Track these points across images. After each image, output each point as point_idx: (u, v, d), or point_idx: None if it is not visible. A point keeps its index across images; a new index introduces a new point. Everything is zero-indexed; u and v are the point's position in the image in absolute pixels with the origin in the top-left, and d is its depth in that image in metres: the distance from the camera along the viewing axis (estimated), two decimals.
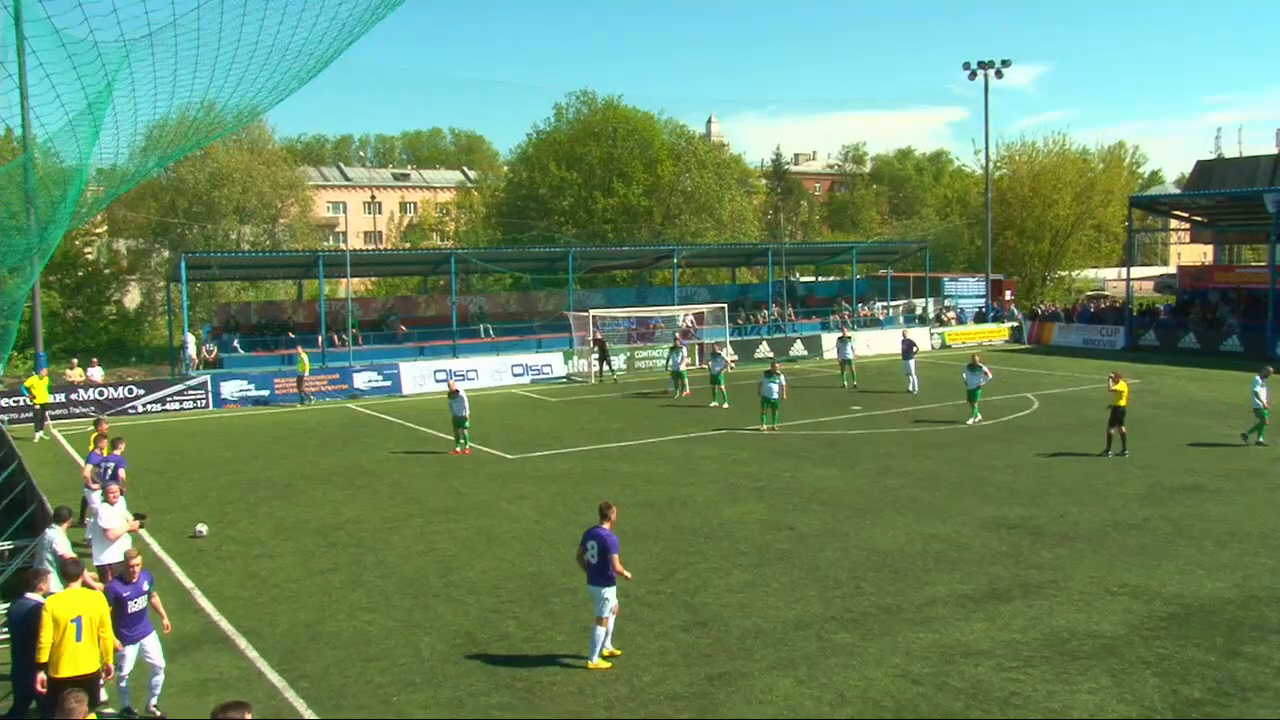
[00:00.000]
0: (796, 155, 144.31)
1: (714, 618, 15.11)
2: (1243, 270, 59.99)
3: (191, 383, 38.19)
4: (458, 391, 28.88)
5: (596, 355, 44.10)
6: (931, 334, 57.20)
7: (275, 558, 18.58)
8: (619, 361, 46.14)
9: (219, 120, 17.86)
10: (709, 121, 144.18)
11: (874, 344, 54.38)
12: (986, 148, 67.60)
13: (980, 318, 62.76)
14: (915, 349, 39.94)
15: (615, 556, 13.27)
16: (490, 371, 43.27)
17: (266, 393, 39.06)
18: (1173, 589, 15.99)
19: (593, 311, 45.68)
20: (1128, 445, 26.35)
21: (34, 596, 11.35)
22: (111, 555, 15.19)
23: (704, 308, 51.70)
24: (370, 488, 24.16)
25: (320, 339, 43.77)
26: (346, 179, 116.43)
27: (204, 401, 38.07)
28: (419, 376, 41.75)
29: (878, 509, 21.25)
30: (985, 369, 32.35)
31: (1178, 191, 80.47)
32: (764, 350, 50.64)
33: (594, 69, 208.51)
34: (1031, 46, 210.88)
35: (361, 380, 40.73)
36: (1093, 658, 13.46)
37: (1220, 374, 43.02)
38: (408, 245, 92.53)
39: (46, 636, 10.73)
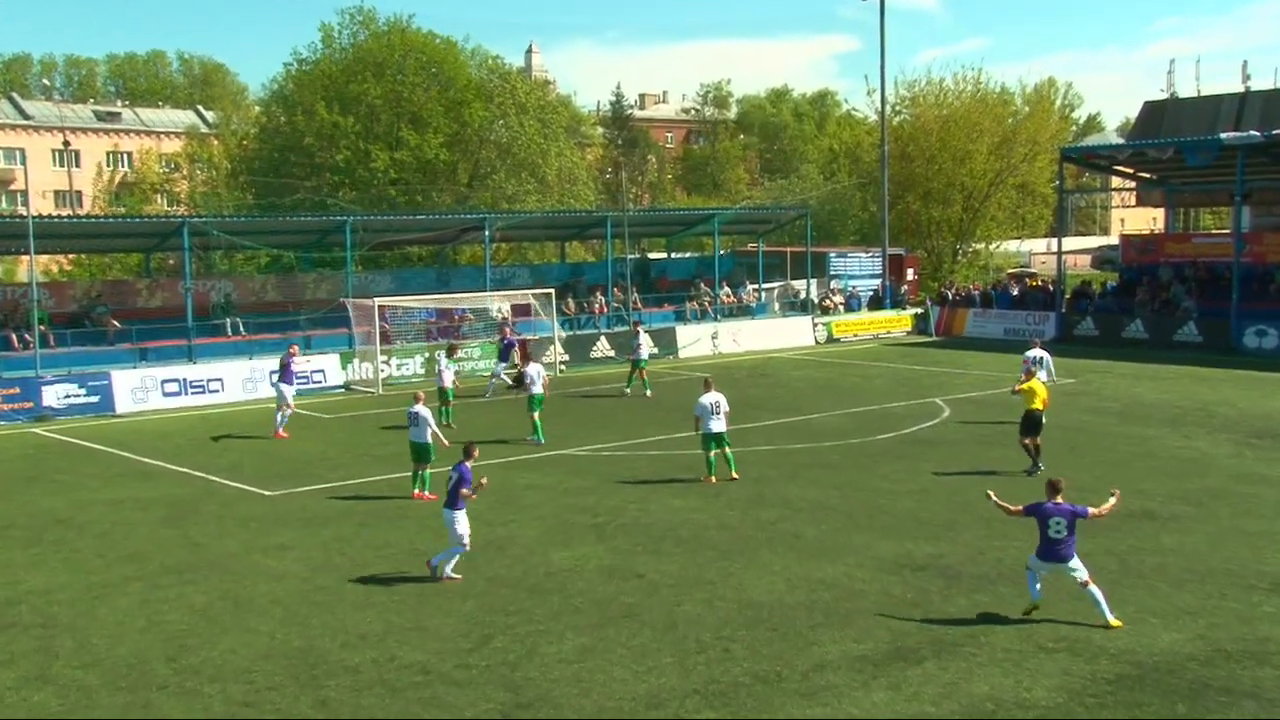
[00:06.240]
0: (642, 96, 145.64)
1: (542, 697, 15.00)
2: (1200, 240, 62.37)
3: None
4: (417, 413, 26.67)
5: (511, 367, 40.51)
6: (815, 325, 58.25)
7: None
8: (414, 365, 45.63)
9: None
10: (529, 52, 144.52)
11: (743, 338, 55.07)
12: (882, 87, 68.98)
13: (876, 303, 64.15)
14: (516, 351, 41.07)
15: (1089, 511, 17.46)
16: (239, 381, 42.14)
17: None
18: (1121, 643, 16.51)
19: (378, 300, 45.06)
20: (1040, 460, 27.13)
21: None
22: None
23: (525, 293, 51.50)
24: (67, 543, 23.21)
25: None
26: (25, 117, 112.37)
27: None
28: (139, 390, 40.40)
29: (749, 549, 21.45)
30: (1049, 363, 34.08)
31: (1121, 141, 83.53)
32: (603, 347, 50.75)
33: None
34: None
35: (54, 395, 39.13)
36: None
37: (1174, 370, 44.93)
38: (121, 210, 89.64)
39: None
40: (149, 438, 35.02)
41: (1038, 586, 17.48)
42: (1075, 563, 17.23)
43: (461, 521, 19.83)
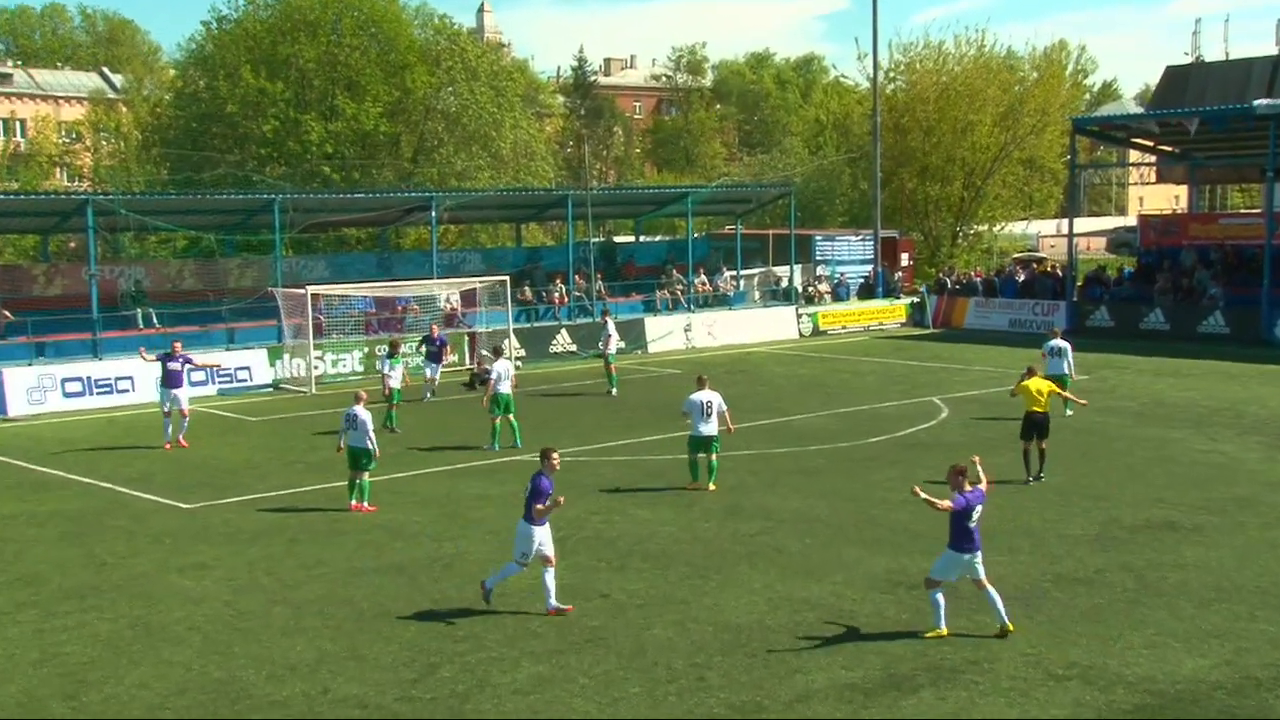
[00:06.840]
0: (607, 61, 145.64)
1: None
2: (1227, 220, 62.55)
3: None
4: (356, 415, 26.07)
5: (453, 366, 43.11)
6: (799, 315, 58.26)
7: None
8: (351, 361, 45.46)
9: None
10: (480, 11, 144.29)
11: (719, 330, 55.02)
12: (875, 50, 68.98)
13: (867, 291, 64.16)
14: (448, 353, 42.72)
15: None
16: (153, 380, 41.80)
17: None
18: (1140, 669, 16.50)
19: (310, 288, 44.85)
20: (1045, 466, 27.05)
21: None
22: None
23: (476, 281, 51.36)
24: None
25: None
26: None
27: None
28: (36, 390, 40.06)
29: (726, 565, 21.41)
30: (1069, 354, 34.15)
31: (1140, 110, 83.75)
32: (562, 340, 50.66)
33: None
34: None
35: None
36: None
37: (1198, 365, 45.17)
38: (14, 186, 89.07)
39: None
40: (47, 444, 34.72)
41: (943, 612, 17.66)
42: (981, 554, 17.82)
43: (532, 539, 18.97)
